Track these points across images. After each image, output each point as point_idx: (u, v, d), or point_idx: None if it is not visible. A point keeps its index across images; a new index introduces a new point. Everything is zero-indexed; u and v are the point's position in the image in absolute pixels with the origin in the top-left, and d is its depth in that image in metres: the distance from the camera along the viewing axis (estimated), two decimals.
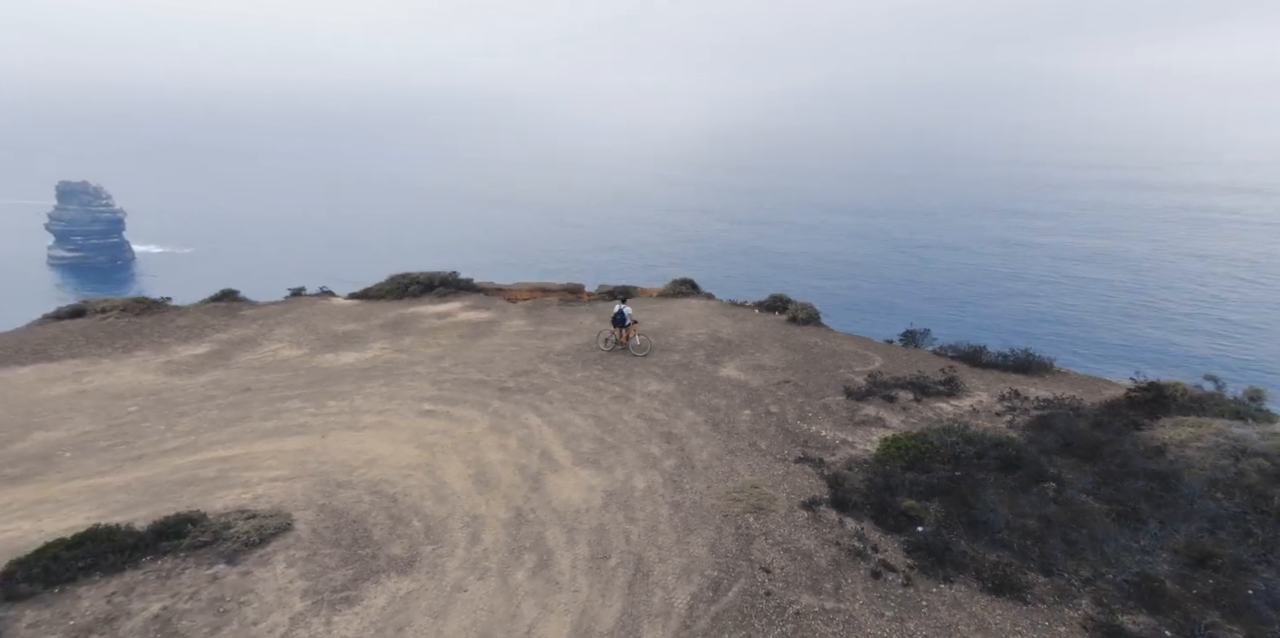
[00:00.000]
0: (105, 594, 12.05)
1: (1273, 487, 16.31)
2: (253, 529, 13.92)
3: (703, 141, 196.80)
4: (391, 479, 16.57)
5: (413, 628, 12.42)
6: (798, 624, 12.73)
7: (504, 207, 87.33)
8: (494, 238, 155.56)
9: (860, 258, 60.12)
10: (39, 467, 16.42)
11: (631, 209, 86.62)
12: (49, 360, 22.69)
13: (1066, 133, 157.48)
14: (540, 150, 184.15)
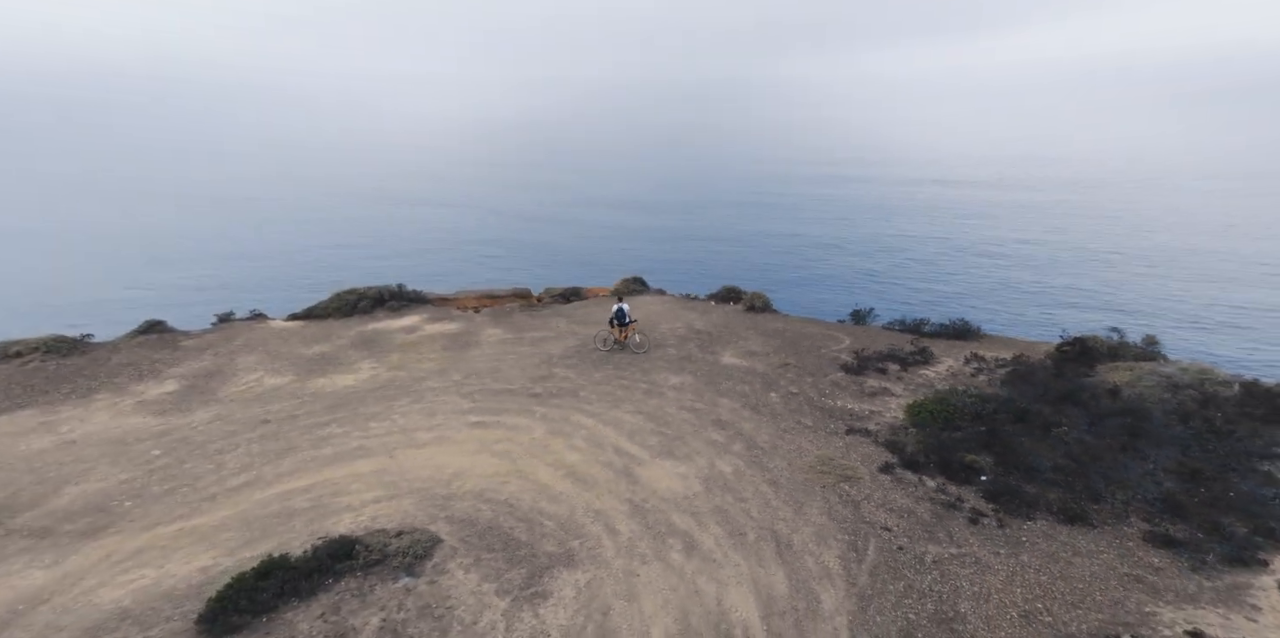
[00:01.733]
0: (316, 616, 12.07)
1: (1208, 410, 20.48)
2: (411, 545, 13.94)
3: (469, 135, 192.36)
4: (493, 487, 16.31)
5: (615, 612, 12.80)
6: (940, 570, 14.36)
7: (244, 204, 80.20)
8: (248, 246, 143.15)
9: (653, 252, 63.32)
10: (102, 519, 15.00)
11: (395, 207, 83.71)
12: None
13: (805, 134, 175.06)
14: (283, 141, 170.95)
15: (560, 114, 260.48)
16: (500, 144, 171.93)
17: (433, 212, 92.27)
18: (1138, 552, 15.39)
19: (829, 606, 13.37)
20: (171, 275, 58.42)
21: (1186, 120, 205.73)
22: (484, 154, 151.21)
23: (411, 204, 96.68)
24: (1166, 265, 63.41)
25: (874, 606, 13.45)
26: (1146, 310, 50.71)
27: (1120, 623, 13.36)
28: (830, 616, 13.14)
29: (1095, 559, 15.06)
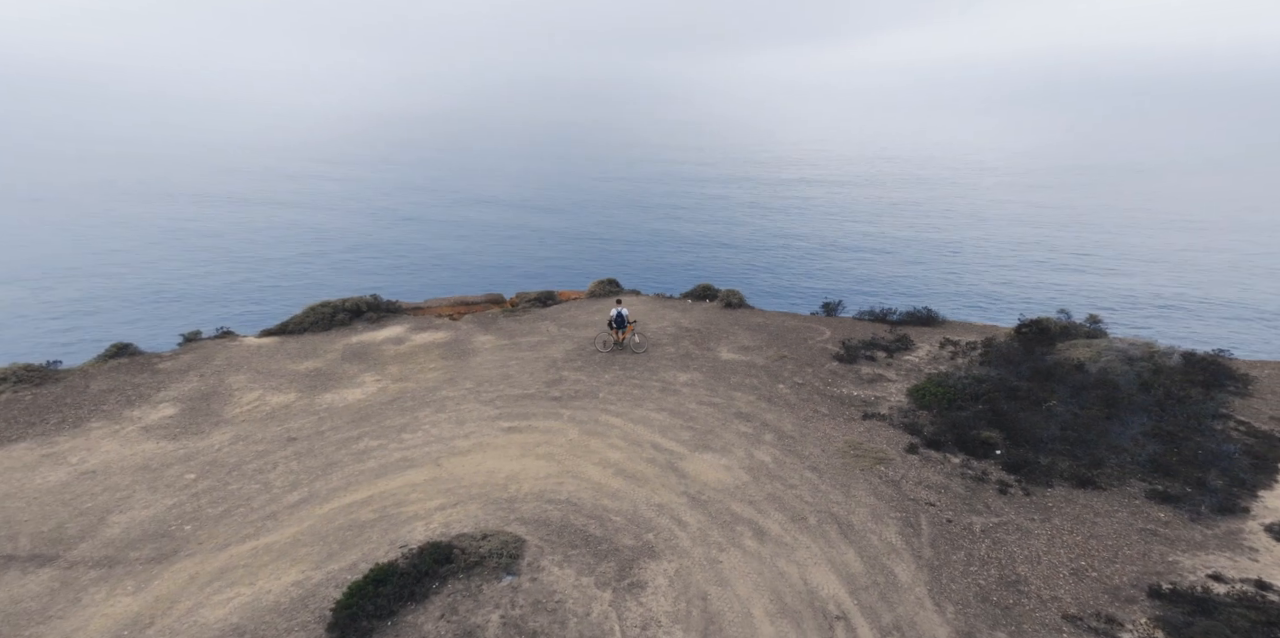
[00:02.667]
0: (436, 617, 12.40)
1: (1159, 378, 22.83)
2: (501, 546, 14.12)
3: (351, 129, 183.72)
4: (550, 489, 16.45)
5: (712, 596, 13.36)
6: (991, 538, 15.55)
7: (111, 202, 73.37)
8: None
9: (548, 253, 63.01)
10: (168, 544, 14.67)
11: (268, 208, 78.39)
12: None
13: (688, 132, 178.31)
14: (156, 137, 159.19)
15: (444, 109, 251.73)
16: (377, 140, 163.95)
17: (293, 214, 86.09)
18: (1145, 509, 17.10)
19: (905, 578, 14.23)
20: None
21: (1028, 119, 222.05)
22: (360, 151, 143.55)
23: (271, 206, 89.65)
24: (1010, 254, 69.68)
25: (944, 575, 14.41)
26: (1003, 294, 55.36)
27: (1152, 572, 14.88)
28: (909, 587, 13.99)
29: (1113, 518, 16.64)
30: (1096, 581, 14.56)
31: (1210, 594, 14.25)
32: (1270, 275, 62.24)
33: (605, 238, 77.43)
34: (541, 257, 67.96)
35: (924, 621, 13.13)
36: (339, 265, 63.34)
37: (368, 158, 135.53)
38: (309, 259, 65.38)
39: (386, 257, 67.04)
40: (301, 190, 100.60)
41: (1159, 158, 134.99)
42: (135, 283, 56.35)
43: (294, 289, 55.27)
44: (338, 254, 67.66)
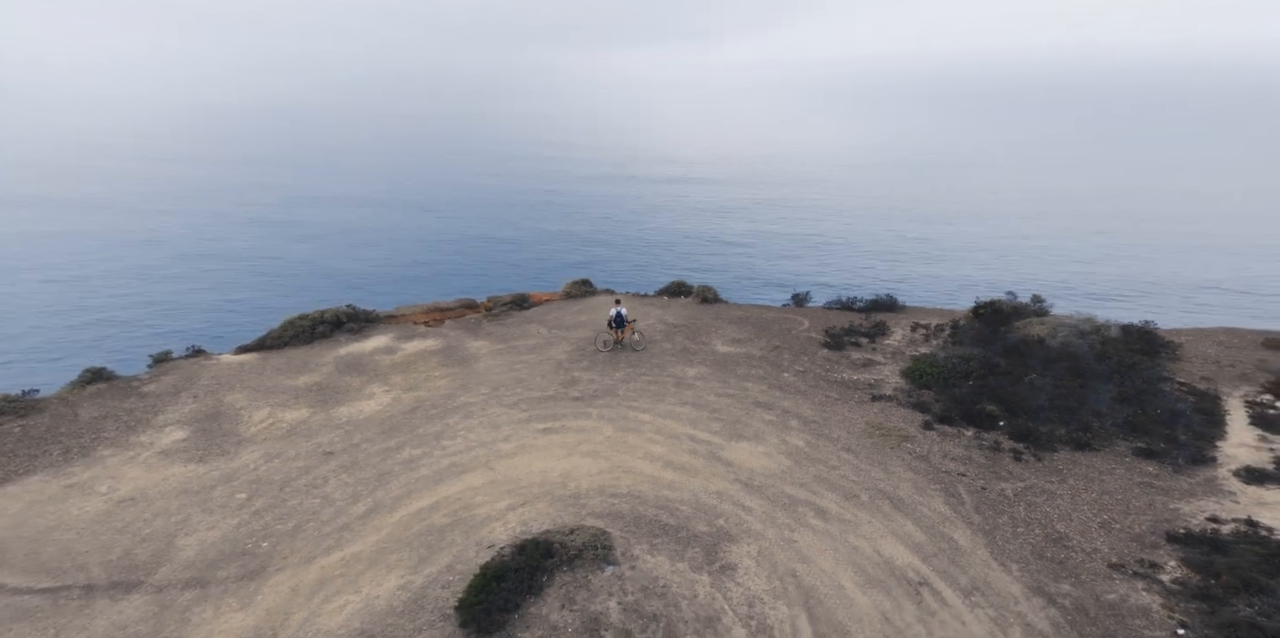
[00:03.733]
0: (558, 607, 12.79)
1: (1109, 349, 25.31)
2: (591, 539, 14.33)
3: (163, 124, 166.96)
4: (609, 484, 16.84)
5: (801, 572, 14.22)
6: (1024, 500, 17.03)
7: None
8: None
9: (436, 256, 61.00)
10: (252, 561, 14.40)
11: None
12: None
13: (562, 128, 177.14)
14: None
15: (300, 100, 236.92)
16: (213, 134, 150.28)
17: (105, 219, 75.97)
18: (1135, 465, 19.10)
19: (965, 543, 15.38)
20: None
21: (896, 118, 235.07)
22: (189, 147, 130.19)
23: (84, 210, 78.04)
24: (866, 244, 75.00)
25: (998, 537, 15.68)
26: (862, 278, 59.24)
27: (1163, 520, 16.72)
28: (971, 550, 15.16)
29: (1114, 475, 18.50)
30: (1122, 531, 16.20)
31: (1218, 535, 16.16)
32: (1072, 261, 68.59)
33: (491, 238, 75.75)
34: (425, 261, 65.08)
35: (996, 580, 14.27)
36: (186, 279, 57.44)
37: (205, 154, 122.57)
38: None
39: (246, 267, 61.53)
40: (124, 192, 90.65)
41: (1008, 155, 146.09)
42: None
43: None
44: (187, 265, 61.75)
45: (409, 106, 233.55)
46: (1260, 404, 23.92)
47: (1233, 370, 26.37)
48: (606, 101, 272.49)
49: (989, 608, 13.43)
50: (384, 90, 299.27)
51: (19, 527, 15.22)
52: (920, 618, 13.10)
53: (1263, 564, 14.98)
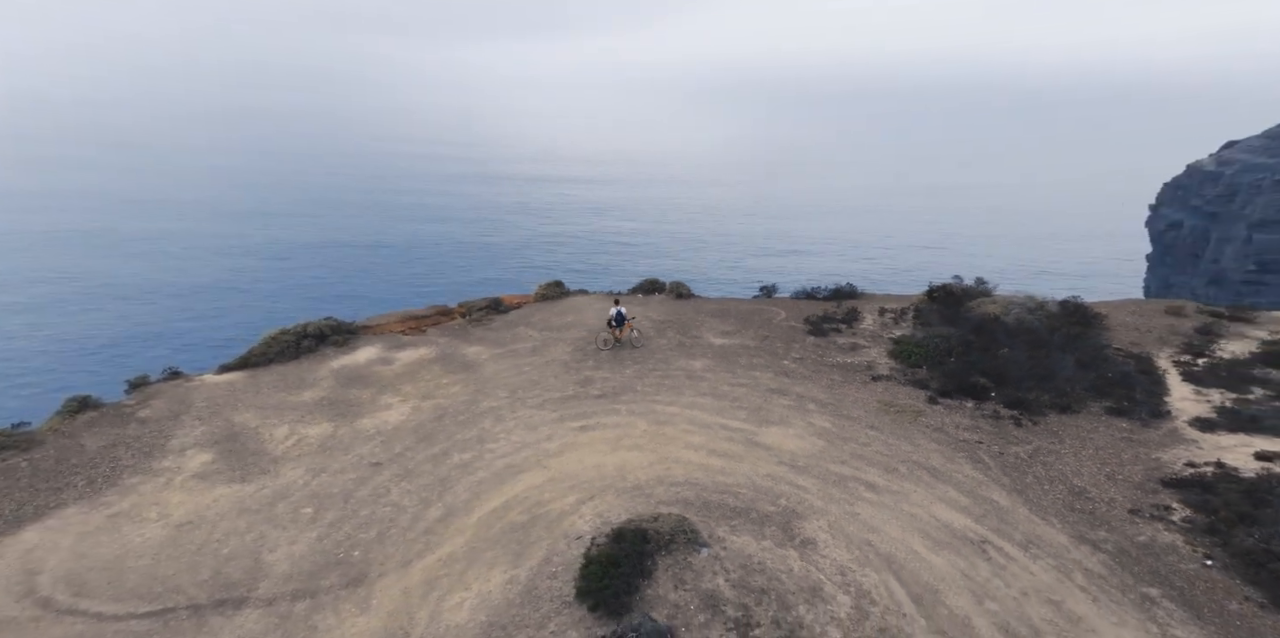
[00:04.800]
0: (671, 588, 13.27)
1: (1055, 322, 27.99)
2: (676, 526, 14.71)
3: None
4: (664, 474, 17.33)
5: (874, 541, 15.29)
6: (1038, 460, 18.90)
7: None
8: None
9: (298, 265, 57.98)
10: (350, 569, 14.42)
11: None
12: (33, 520, 15.80)
13: (418, 123, 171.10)
14: None
15: (113, 91, 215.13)
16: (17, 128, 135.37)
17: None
18: (1111, 422, 21.42)
19: (1005, 503, 16.93)
20: None
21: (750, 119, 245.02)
22: None
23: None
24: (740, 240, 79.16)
25: (1029, 495, 17.33)
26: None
27: (1152, 468, 18.95)
28: (1012, 509, 16.71)
29: (1098, 433, 20.70)
30: (1124, 481, 18.25)
31: (1201, 477, 18.47)
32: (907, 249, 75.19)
33: (355, 244, 72.92)
34: (287, 274, 61.71)
35: (1044, 533, 15.83)
36: None
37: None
38: None
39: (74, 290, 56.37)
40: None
41: (868, 154, 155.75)
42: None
43: None
44: None
45: (246, 100, 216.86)
46: (1184, 363, 27.15)
47: (1151, 335, 29.70)
48: (456, 97, 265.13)
49: (1048, 558, 14.91)
50: (211, 82, 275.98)
51: (82, 558, 14.48)
52: (994, 572, 14.39)
53: (1245, 499, 17.30)
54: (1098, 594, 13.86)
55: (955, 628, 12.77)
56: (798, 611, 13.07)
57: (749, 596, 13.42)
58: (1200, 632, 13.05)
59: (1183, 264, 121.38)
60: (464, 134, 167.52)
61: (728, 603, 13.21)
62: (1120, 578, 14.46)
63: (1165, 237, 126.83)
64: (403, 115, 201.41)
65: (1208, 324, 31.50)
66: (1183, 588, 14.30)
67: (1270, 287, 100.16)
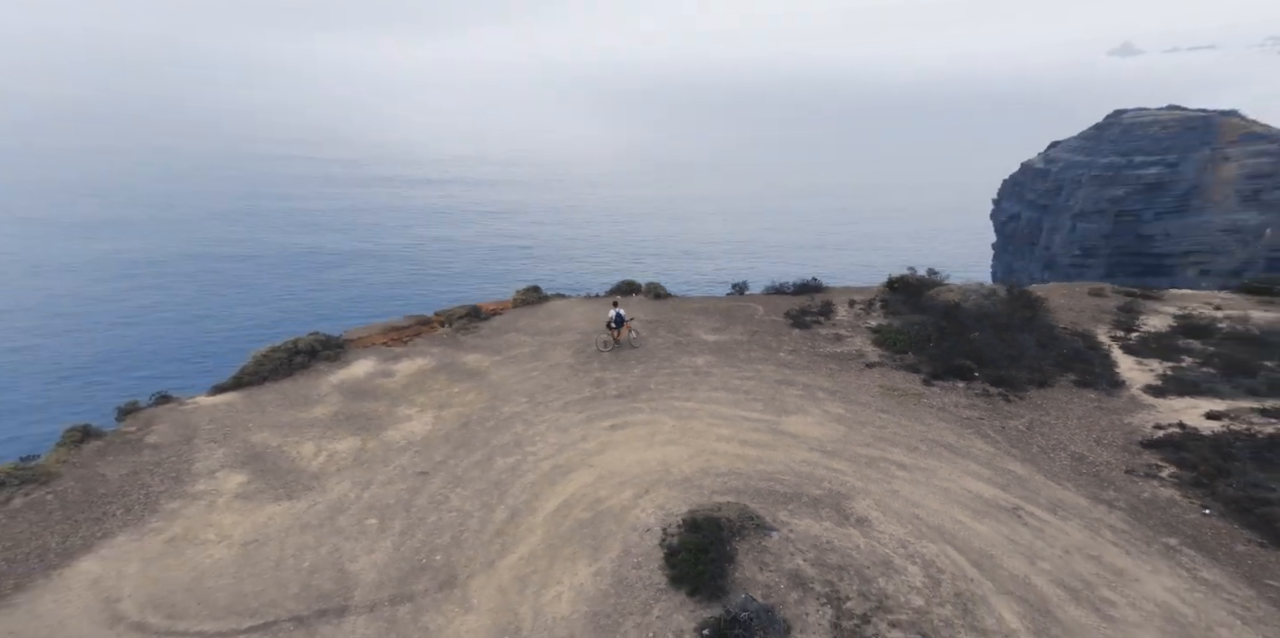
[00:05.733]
0: (756, 569, 14.08)
1: (1009, 307, 30.34)
2: (740, 513, 15.47)
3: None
4: (707, 466, 17.99)
5: (921, 515, 16.44)
6: (1036, 432, 20.70)
7: None
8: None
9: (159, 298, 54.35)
10: (439, 573, 14.61)
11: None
12: (84, 551, 15.07)
13: (265, 123, 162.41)
14: None
15: None
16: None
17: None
18: (1081, 393, 23.58)
19: (1021, 472, 18.50)
20: None
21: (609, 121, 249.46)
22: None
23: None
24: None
25: (1039, 463, 19.00)
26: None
27: (1129, 432, 21.06)
28: (1030, 477, 18.30)
29: (1075, 404, 22.77)
30: (1111, 445, 20.23)
31: (1172, 438, 20.67)
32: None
33: (228, 257, 68.85)
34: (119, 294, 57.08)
35: (1064, 497, 17.44)
36: None
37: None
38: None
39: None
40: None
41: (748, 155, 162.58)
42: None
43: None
44: None
45: (78, 88, 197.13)
46: (1120, 338, 29.97)
47: (1085, 315, 32.58)
48: (324, 94, 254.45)
49: (1076, 519, 16.48)
50: (30, 69, 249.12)
51: (157, 583, 14.14)
52: (1035, 535, 15.80)
53: (1216, 455, 19.52)
54: (1128, 547, 15.47)
55: (1019, 588, 14.00)
56: (878, 583, 13.97)
57: (830, 572, 14.25)
58: (1221, 572, 14.82)
59: (1021, 251, 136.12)
60: (339, 133, 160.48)
61: (813, 580, 14.00)
62: (1140, 531, 16.16)
63: (1006, 227, 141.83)
64: (266, 114, 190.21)
65: (1128, 303, 34.79)
66: (1194, 536, 16.14)
67: (1091, 268, 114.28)
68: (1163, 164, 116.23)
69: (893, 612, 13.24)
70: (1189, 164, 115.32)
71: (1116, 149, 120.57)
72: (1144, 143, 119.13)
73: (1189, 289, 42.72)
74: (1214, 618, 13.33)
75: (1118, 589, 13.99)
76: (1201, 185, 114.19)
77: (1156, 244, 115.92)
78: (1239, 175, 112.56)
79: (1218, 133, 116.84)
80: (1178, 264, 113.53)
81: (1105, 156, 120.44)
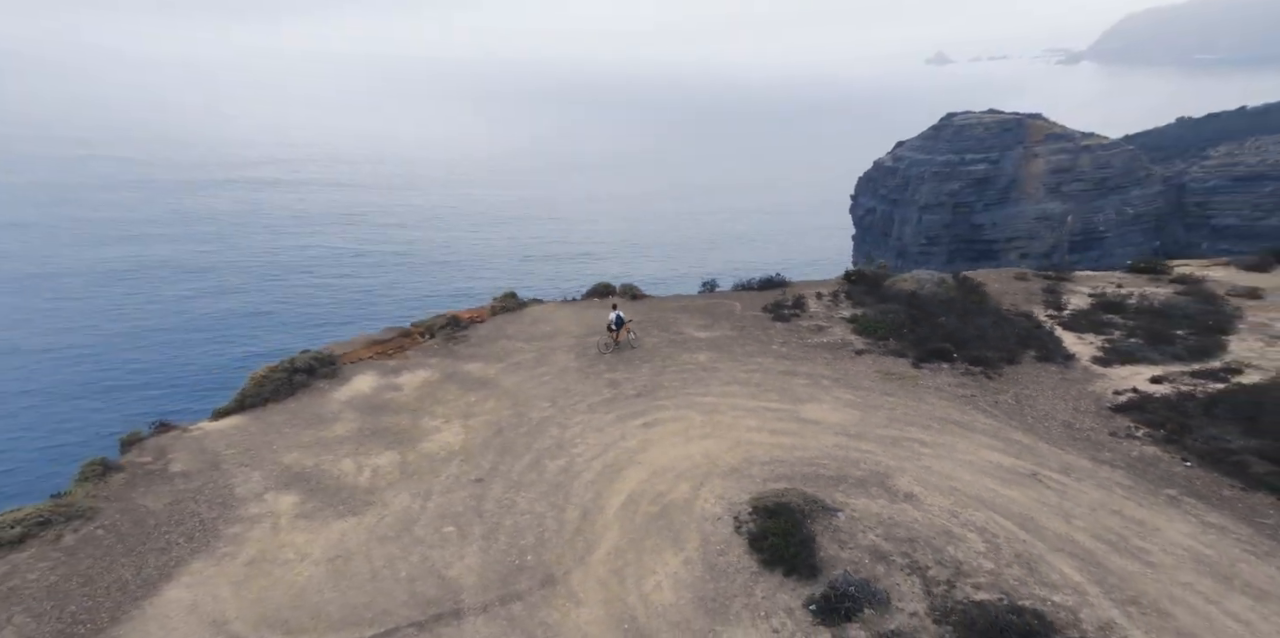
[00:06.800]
0: (837, 548, 15.29)
1: (959, 293, 32.85)
2: (800, 496, 16.66)
3: None
4: (751, 456, 18.96)
5: (958, 487, 17.88)
6: (1024, 404, 22.81)
7: None
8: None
9: None
10: (535, 572, 15.01)
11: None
12: (165, 580, 14.62)
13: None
14: None
15: None
16: None
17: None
18: (1044, 367, 26.05)
19: (1026, 441, 20.43)
20: None
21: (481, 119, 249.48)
22: None
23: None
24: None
25: (1039, 432, 21.01)
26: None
27: (1097, 399, 23.47)
28: (1034, 444, 20.28)
29: (1044, 377, 25.15)
30: (1087, 412, 22.57)
31: (1133, 402, 23.22)
32: None
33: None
34: None
35: (1071, 460, 19.43)
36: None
37: None
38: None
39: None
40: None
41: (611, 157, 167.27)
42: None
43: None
44: None
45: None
46: (1054, 316, 33.05)
47: (1019, 297, 35.64)
48: (151, 83, 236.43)
49: (1088, 480, 18.42)
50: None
51: (260, 602, 13.96)
52: (1061, 497, 17.58)
53: (1175, 414, 22.12)
54: (1140, 501, 17.49)
55: (1067, 545, 15.64)
56: (948, 551, 15.28)
57: (903, 545, 15.45)
58: (1220, 515, 17.04)
59: (877, 242, 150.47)
60: (155, 130, 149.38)
61: (891, 554, 15.17)
62: (1144, 486, 18.27)
63: (864, 220, 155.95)
64: (78, 107, 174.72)
65: (1050, 285, 38.29)
66: (1186, 486, 18.39)
67: (935, 255, 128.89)
68: (987, 161, 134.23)
69: (970, 576, 14.54)
70: (1008, 161, 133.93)
71: (951, 148, 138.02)
72: (971, 142, 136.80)
73: (1091, 271, 47.19)
74: (1232, 555, 15.39)
75: (1147, 539, 15.86)
76: (1018, 179, 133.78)
77: (986, 232, 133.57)
78: (1045, 170, 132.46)
79: (1028, 133, 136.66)
80: (1002, 249, 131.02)
81: (942, 155, 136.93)
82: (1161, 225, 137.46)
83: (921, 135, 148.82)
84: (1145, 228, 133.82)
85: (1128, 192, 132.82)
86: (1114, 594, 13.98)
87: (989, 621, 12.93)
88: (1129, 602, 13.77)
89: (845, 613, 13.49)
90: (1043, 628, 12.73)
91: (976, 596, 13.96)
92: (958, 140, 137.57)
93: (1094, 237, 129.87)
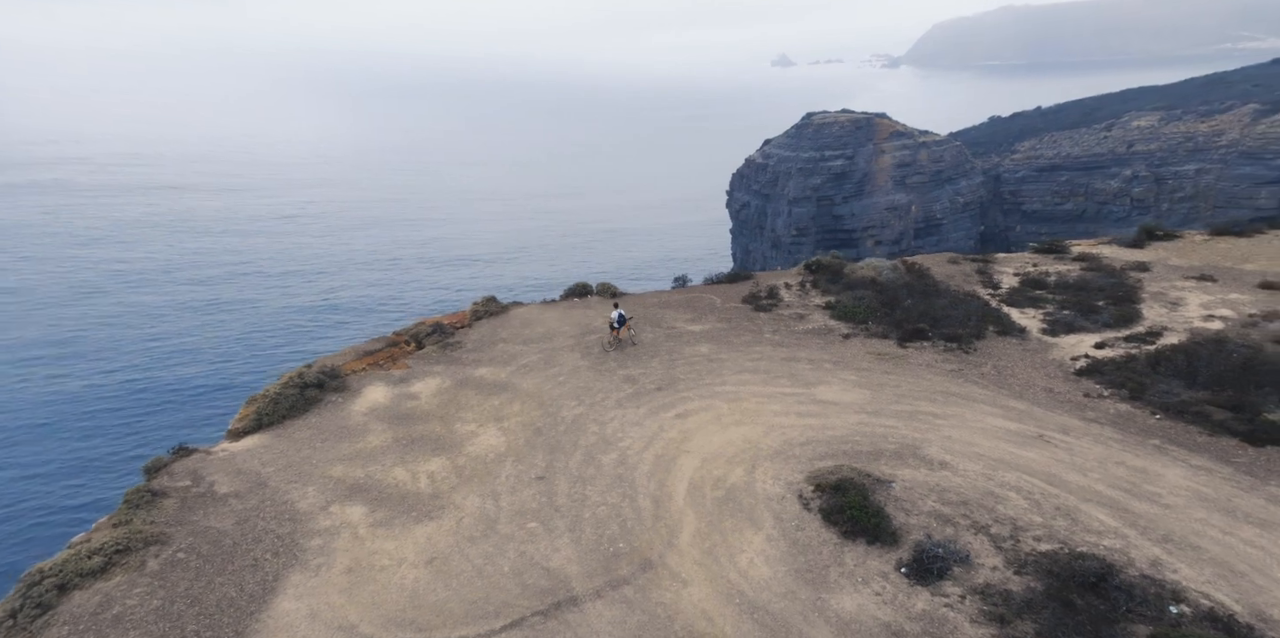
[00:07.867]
0: (903, 515, 16.71)
1: (912, 278, 35.29)
2: (852, 471, 18.14)
3: None
4: (789, 439, 20.35)
5: (979, 452, 19.82)
6: (1005, 374, 25.10)
7: None
8: None
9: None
10: (631, 558, 15.79)
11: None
12: (272, 594, 14.63)
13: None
14: None
15: None
16: None
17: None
18: (1004, 341, 28.54)
19: (1021, 407, 22.61)
20: None
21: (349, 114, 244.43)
22: None
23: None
24: None
25: (1027, 398, 23.23)
26: None
27: (1059, 367, 26.05)
28: (1029, 409, 22.47)
29: (1010, 350, 27.62)
30: (1056, 377, 25.11)
31: (1090, 366, 25.92)
32: None
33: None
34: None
35: (1065, 421, 21.67)
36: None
37: None
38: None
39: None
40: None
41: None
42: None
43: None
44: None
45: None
46: (995, 295, 36.03)
47: (958, 279, 38.55)
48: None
49: (1085, 437, 20.65)
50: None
51: (378, 606, 14.16)
52: (1070, 454, 19.69)
53: (1130, 374, 24.92)
54: (1136, 451, 19.83)
55: (1093, 495, 17.63)
56: (998, 509, 16.96)
57: (960, 508, 17.02)
58: (1203, 458, 19.59)
59: (753, 234, 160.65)
60: None
61: (954, 517, 16.71)
62: (1132, 438, 20.69)
63: (740, 214, 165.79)
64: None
65: (980, 267, 41.53)
66: (1165, 435, 20.95)
67: (805, 245, 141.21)
68: (844, 157, 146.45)
69: (1027, 530, 16.22)
70: (861, 156, 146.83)
71: (813, 145, 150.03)
72: (829, 140, 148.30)
73: (1003, 253, 51.15)
74: (1225, 492, 17.82)
75: (1154, 484, 18.09)
76: (870, 174, 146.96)
77: (845, 222, 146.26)
78: (892, 165, 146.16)
79: (876, 131, 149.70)
80: (860, 237, 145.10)
81: (806, 151, 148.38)
82: (984, 212, 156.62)
83: (786, 133, 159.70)
84: (972, 214, 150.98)
85: (957, 183, 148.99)
86: (1149, 535, 15.98)
87: (1062, 567, 14.58)
88: (1163, 540, 15.80)
89: (938, 572, 14.81)
90: (1108, 570, 14.45)
91: (1040, 547, 15.63)
92: (818, 138, 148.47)
93: (934, 223, 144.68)
